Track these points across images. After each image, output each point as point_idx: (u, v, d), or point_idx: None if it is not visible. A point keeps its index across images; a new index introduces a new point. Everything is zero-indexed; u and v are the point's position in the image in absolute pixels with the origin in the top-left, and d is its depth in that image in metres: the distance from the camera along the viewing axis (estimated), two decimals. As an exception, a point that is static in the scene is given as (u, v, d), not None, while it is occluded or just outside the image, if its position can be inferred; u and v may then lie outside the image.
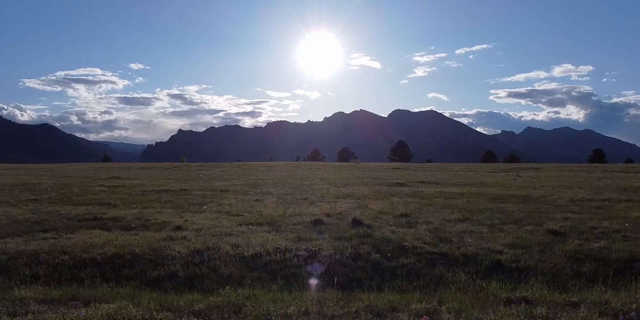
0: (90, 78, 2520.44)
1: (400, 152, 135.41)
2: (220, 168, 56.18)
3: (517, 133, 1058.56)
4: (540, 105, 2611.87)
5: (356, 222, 11.03)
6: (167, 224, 11.02)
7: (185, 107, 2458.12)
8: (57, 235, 9.84)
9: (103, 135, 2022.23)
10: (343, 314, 5.33)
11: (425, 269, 7.76)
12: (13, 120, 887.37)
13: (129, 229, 10.42)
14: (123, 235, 9.71)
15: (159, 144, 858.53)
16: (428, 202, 15.74)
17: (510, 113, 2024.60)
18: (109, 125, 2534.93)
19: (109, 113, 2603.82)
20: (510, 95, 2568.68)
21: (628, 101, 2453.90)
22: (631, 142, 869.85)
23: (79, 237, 9.52)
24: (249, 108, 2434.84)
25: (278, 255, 8.31)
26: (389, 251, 8.54)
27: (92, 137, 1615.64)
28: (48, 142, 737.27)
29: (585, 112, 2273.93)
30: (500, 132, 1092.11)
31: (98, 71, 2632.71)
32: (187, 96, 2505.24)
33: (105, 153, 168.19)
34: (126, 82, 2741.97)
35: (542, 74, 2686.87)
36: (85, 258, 8.10)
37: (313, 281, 7.32)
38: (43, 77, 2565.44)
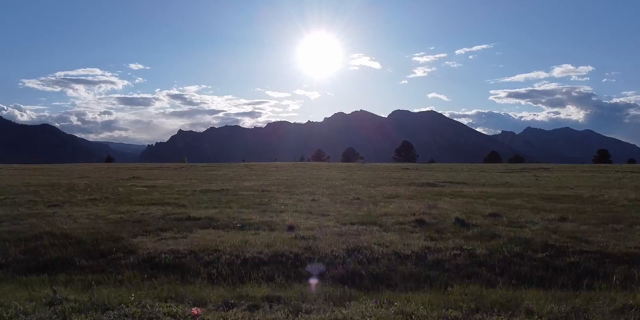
0: (89, 78, 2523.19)
1: (406, 153, 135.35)
2: (229, 168, 55.97)
3: (517, 133, 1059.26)
4: (540, 105, 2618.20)
5: (460, 222, 10.98)
6: (275, 223, 10.84)
7: (185, 108, 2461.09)
8: (181, 234, 9.64)
9: (103, 136, 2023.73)
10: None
11: (602, 268, 7.73)
12: (13, 121, 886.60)
13: (240, 229, 10.25)
14: (251, 235, 9.53)
15: (159, 144, 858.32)
16: (489, 202, 15.58)
17: (510, 113, 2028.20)
18: (109, 125, 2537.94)
19: (109, 113, 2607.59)
20: (510, 95, 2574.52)
21: (628, 101, 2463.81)
22: (631, 142, 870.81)
23: (208, 237, 9.34)
24: (248, 108, 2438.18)
25: (436, 254, 8.24)
26: (543, 250, 8.46)
27: (91, 137, 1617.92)
28: (48, 143, 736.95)
29: (585, 112, 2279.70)
30: (500, 132, 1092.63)
31: (98, 71, 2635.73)
32: (186, 96, 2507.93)
33: (108, 153, 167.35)
34: (126, 82, 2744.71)
35: (542, 74, 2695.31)
36: (250, 257, 7.98)
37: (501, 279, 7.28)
38: (43, 78, 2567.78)
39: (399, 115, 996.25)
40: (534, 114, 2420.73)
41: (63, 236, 9.21)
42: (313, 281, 7.10)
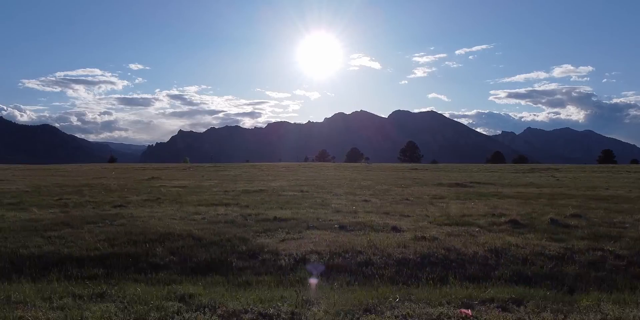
0: (89, 79, 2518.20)
1: (411, 153, 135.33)
2: (238, 168, 55.82)
3: (517, 133, 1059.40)
4: (540, 105, 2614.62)
5: (555, 222, 10.92)
6: (374, 224, 10.72)
7: (185, 108, 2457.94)
8: (293, 235, 9.58)
9: (103, 136, 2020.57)
10: None
11: None
12: (13, 121, 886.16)
13: (340, 230, 10.16)
14: (363, 236, 9.43)
15: (159, 145, 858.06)
16: (540, 202, 15.44)
17: (510, 114, 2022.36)
18: (109, 125, 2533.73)
19: (109, 114, 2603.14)
20: (510, 95, 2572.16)
21: (628, 102, 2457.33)
22: (631, 142, 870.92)
23: (327, 237, 9.31)
24: (248, 109, 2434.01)
25: (582, 256, 8.21)
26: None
27: (91, 137, 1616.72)
28: (48, 143, 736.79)
29: (585, 112, 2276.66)
30: (500, 132, 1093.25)
31: (97, 72, 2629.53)
32: (186, 97, 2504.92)
33: (111, 154, 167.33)
34: (126, 82, 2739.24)
35: (542, 74, 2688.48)
36: (402, 258, 7.92)
37: None
38: (42, 78, 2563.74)
39: (399, 116, 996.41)
40: (534, 114, 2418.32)
41: (189, 237, 9.12)
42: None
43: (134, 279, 7.01)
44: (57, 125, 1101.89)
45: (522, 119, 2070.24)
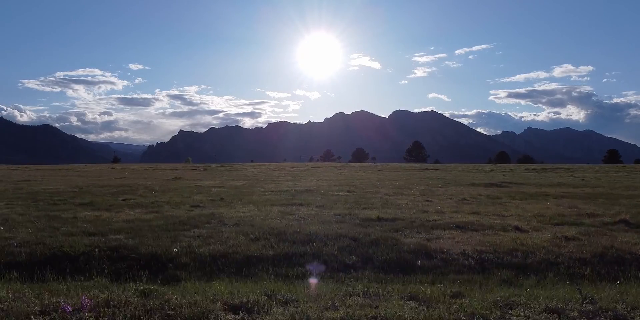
0: (89, 79, 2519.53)
1: (416, 153, 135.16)
2: (249, 168, 55.52)
3: (517, 133, 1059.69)
4: (540, 105, 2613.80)
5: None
6: (492, 224, 10.75)
7: (185, 108, 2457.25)
8: (426, 235, 9.62)
9: (103, 136, 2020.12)
10: None
11: None
12: (13, 121, 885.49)
13: (456, 229, 10.18)
14: (499, 236, 9.48)
15: (160, 145, 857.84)
16: (604, 202, 15.41)
17: (510, 113, 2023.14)
18: (109, 126, 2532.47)
19: (109, 114, 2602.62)
20: (510, 95, 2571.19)
21: (628, 101, 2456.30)
22: (632, 142, 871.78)
23: (463, 236, 9.38)
24: (248, 109, 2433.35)
25: None
26: None
27: (91, 137, 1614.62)
28: (49, 143, 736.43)
29: (585, 112, 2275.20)
30: (500, 132, 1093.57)
31: (97, 72, 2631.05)
32: (186, 97, 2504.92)
33: (114, 154, 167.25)
34: (125, 82, 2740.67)
35: (542, 74, 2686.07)
36: (580, 258, 7.99)
37: None
38: (42, 78, 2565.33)
39: (400, 116, 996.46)
40: (534, 114, 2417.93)
41: (343, 237, 9.11)
42: None
43: (355, 277, 7.01)
44: (57, 125, 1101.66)
45: (522, 119, 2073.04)
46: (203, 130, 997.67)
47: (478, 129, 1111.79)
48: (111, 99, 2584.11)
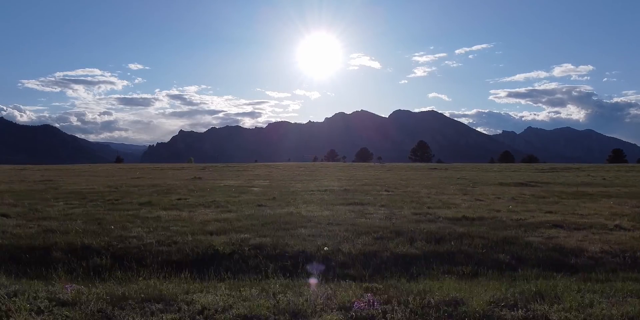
0: (89, 79, 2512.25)
1: (421, 152, 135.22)
2: (258, 168, 55.39)
3: (518, 133, 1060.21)
4: (540, 105, 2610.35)
5: None
6: (587, 223, 10.73)
7: (185, 108, 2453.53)
8: (538, 233, 9.60)
9: (103, 136, 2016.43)
10: None
11: None
12: (13, 121, 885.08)
13: (553, 227, 10.15)
14: (613, 235, 9.50)
15: (160, 145, 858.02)
16: None
17: (510, 113, 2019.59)
18: (109, 125, 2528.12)
19: (109, 114, 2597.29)
20: (510, 95, 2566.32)
21: (629, 101, 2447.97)
22: (632, 142, 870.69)
23: (577, 235, 9.38)
24: (248, 108, 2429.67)
25: None
26: None
27: (92, 137, 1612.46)
28: (49, 143, 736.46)
29: (586, 112, 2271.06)
30: (501, 132, 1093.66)
31: (97, 72, 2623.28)
32: (186, 97, 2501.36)
33: (117, 154, 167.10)
34: (125, 82, 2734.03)
35: (542, 73, 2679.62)
36: None
37: None
38: (42, 78, 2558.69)
39: (400, 115, 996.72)
40: (535, 114, 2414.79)
41: (474, 236, 9.09)
42: None
43: (525, 276, 6.96)
44: (57, 125, 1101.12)
45: (523, 119, 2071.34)
46: (203, 130, 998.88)
47: (478, 129, 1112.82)
48: (111, 99, 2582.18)
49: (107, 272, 7.22)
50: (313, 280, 6.48)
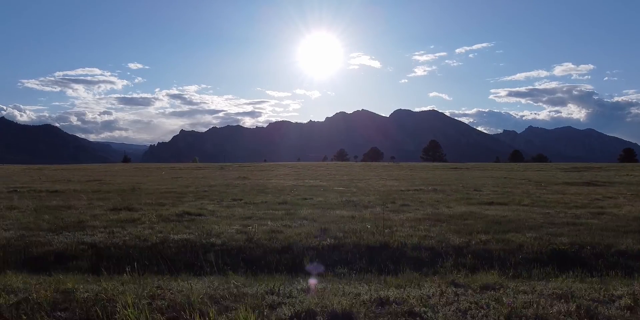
0: (89, 78, 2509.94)
1: (433, 152, 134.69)
2: (277, 168, 54.85)
3: (518, 132, 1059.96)
4: (540, 104, 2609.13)
5: None
6: None
7: (185, 108, 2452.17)
8: None
9: (103, 136, 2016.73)
10: None
11: None
12: (14, 121, 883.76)
13: None
14: None
15: (161, 144, 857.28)
16: None
17: (510, 112, 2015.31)
18: (109, 125, 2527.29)
19: (109, 113, 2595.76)
20: (510, 94, 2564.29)
21: (630, 100, 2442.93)
22: (633, 141, 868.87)
23: None
24: (249, 108, 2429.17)
25: None
26: None
27: (92, 137, 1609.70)
28: (50, 143, 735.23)
29: (586, 111, 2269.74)
30: (501, 131, 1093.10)
31: (97, 71, 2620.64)
32: (186, 96, 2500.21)
33: (125, 154, 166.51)
34: (125, 82, 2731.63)
35: (543, 73, 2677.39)
36: None
37: None
38: (42, 78, 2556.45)
39: (401, 115, 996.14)
40: (535, 113, 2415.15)
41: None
42: None
43: None
44: (57, 125, 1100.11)
45: (523, 118, 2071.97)
46: (204, 129, 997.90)
47: (479, 128, 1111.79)
48: (111, 99, 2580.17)
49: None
50: None
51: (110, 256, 7.96)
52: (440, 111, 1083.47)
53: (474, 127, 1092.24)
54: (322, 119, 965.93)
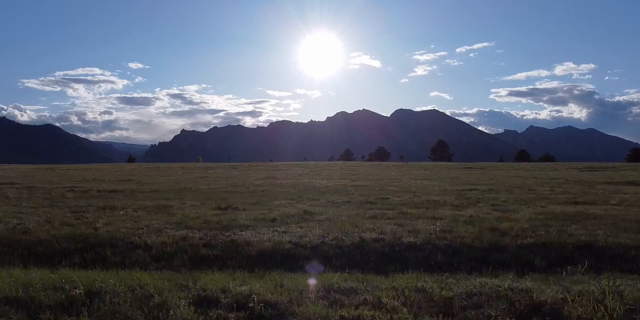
0: (89, 78, 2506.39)
1: (441, 152, 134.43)
2: (291, 167, 54.58)
3: (519, 132, 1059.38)
4: (541, 104, 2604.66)
5: None
6: None
7: (186, 107, 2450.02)
8: None
9: (104, 136, 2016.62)
10: None
11: None
12: (15, 121, 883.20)
13: None
14: None
15: (162, 144, 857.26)
16: None
17: (511, 112, 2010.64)
18: (109, 125, 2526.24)
19: (109, 113, 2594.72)
20: (511, 93, 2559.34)
21: (631, 99, 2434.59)
22: (634, 141, 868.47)
23: None
24: (249, 108, 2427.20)
25: None
26: None
27: (92, 137, 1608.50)
28: (51, 143, 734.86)
29: (587, 110, 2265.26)
30: (502, 131, 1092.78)
31: (97, 71, 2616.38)
32: (187, 96, 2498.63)
33: (129, 154, 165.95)
34: (125, 81, 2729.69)
35: (544, 72, 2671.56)
36: None
37: None
38: (42, 78, 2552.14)
39: (401, 114, 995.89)
40: (536, 113, 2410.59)
41: None
42: None
43: None
44: (58, 124, 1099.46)
45: (524, 117, 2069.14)
46: (205, 129, 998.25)
47: (479, 128, 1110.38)
48: (111, 98, 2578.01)
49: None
50: None
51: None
52: (441, 111, 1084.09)
53: (475, 126, 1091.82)
54: (323, 119, 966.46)
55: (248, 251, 8.03)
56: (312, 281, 5.74)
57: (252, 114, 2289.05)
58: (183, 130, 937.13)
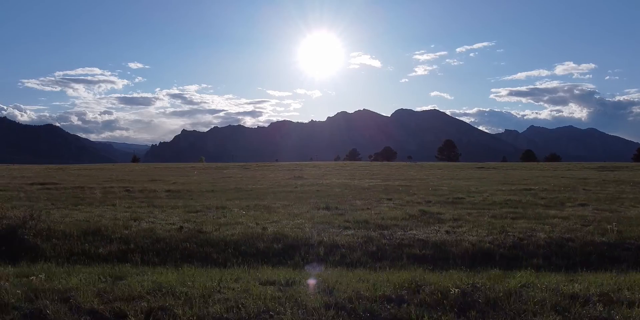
0: (89, 78, 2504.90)
1: (448, 152, 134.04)
2: (301, 167, 54.36)
3: (520, 132, 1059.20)
4: (542, 103, 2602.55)
5: None
6: None
7: (186, 107, 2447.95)
8: None
9: (104, 136, 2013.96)
10: None
11: None
12: (15, 121, 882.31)
13: None
14: None
15: (163, 144, 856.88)
16: None
17: (511, 112, 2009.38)
18: (110, 125, 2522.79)
19: (109, 113, 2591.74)
20: (511, 93, 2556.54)
21: (631, 99, 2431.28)
22: (635, 140, 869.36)
23: None
24: (249, 107, 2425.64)
25: None
26: None
27: (93, 137, 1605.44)
28: (52, 143, 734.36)
29: (588, 110, 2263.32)
30: (503, 131, 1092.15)
31: (97, 71, 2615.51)
32: (187, 96, 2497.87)
33: (134, 154, 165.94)
34: (126, 81, 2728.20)
35: (544, 72, 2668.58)
36: None
37: None
38: (42, 78, 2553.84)
39: (402, 114, 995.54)
40: (536, 112, 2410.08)
41: None
42: None
43: None
44: (58, 124, 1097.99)
45: (524, 117, 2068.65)
46: (205, 129, 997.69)
47: (480, 128, 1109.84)
48: (111, 98, 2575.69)
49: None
50: None
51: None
52: (441, 111, 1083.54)
53: (475, 126, 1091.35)
54: (324, 119, 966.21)
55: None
56: None
57: (253, 114, 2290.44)
58: (183, 130, 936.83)
